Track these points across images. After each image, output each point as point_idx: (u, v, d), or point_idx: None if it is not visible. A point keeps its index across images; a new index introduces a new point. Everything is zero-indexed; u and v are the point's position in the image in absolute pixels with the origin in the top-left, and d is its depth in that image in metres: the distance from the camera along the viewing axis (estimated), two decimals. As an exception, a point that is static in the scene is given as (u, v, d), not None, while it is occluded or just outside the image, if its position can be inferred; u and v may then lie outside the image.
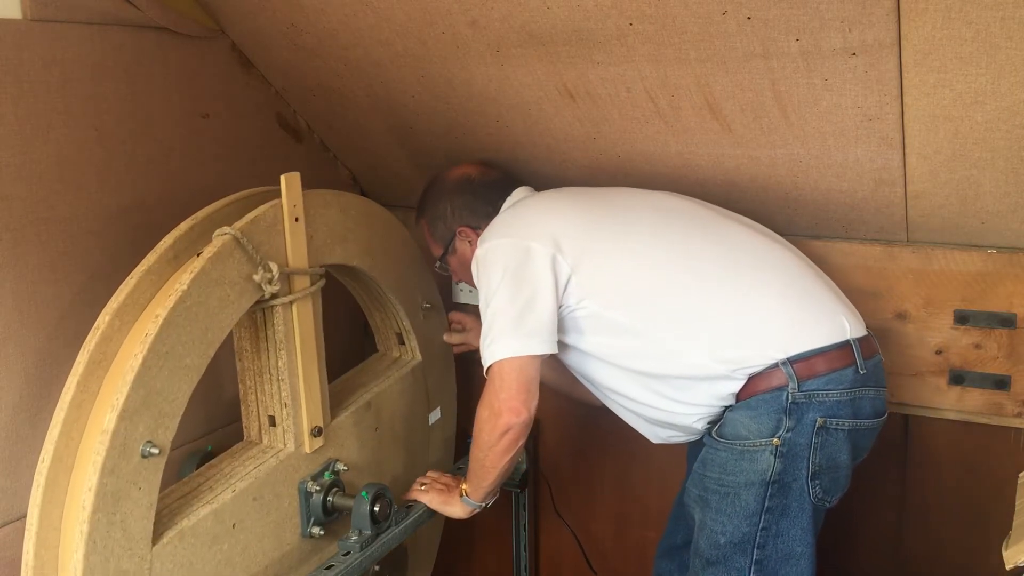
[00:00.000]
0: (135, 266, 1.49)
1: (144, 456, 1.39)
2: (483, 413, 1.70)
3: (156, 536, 1.44)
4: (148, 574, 1.42)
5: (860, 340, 1.68)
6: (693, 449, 1.90)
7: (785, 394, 1.61)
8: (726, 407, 1.69)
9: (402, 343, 2.10)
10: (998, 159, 1.63)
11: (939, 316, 1.93)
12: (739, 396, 1.66)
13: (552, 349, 1.68)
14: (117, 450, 1.36)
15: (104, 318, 1.43)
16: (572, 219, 1.75)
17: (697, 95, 1.69)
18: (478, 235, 1.86)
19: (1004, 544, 1.38)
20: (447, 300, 2.30)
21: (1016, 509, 1.49)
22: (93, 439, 1.36)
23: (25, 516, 1.38)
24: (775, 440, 1.61)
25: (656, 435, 1.84)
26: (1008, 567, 1.33)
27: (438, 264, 2.02)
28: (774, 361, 1.62)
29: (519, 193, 1.94)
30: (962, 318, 1.91)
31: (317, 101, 2.09)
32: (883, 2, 1.36)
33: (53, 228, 1.59)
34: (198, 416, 1.86)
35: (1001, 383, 1.91)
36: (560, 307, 1.69)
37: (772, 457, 1.62)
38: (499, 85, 1.84)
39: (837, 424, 1.63)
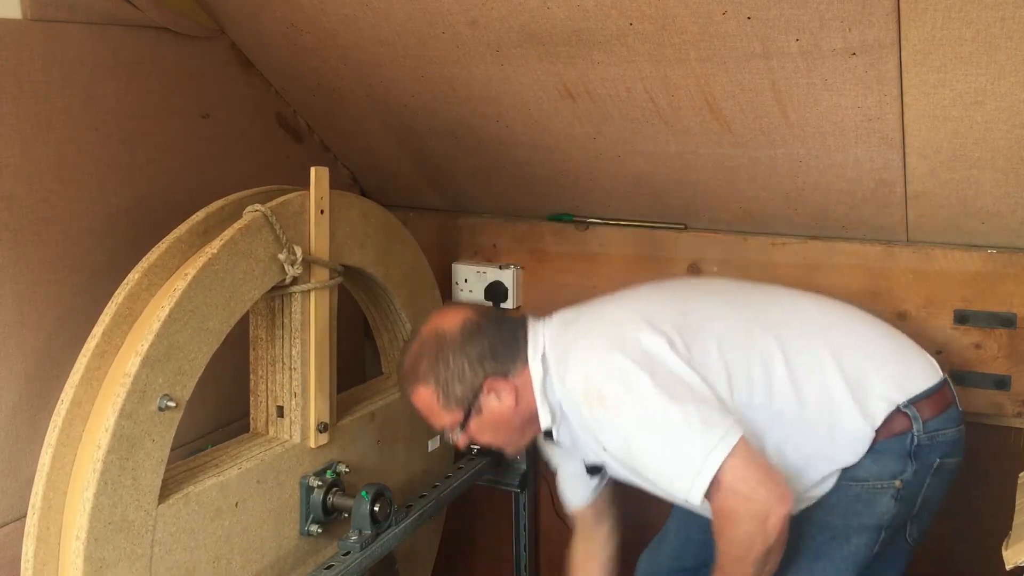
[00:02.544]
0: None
1: (161, 409, 1.42)
2: (742, 529, 1.37)
3: (163, 495, 1.46)
4: (152, 531, 1.44)
5: (947, 378, 1.65)
6: None
7: (910, 436, 1.53)
8: None
9: None
10: (998, 159, 1.63)
11: (939, 316, 1.93)
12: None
13: (740, 427, 1.41)
14: (137, 395, 1.39)
15: (134, 275, 1.48)
16: (657, 309, 1.56)
17: (697, 95, 1.69)
18: (511, 384, 1.59)
19: (1004, 544, 1.38)
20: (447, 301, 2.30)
21: (1016, 509, 1.49)
22: (114, 383, 1.40)
23: (25, 516, 1.38)
24: (897, 483, 1.53)
25: None
26: (1008, 567, 1.33)
27: (455, 434, 1.65)
28: (895, 405, 1.54)
29: (540, 320, 1.65)
30: (962, 318, 1.91)
31: (317, 101, 2.09)
32: (883, 2, 1.36)
33: (53, 228, 1.59)
34: (198, 416, 1.86)
35: (1001, 383, 1.91)
36: None
37: (892, 500, 1.53)
38: (499, 85, 1.84)
39: (947, 464, 1.58)
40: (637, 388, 1.41)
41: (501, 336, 1.60)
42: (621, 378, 1.43)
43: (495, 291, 2.27)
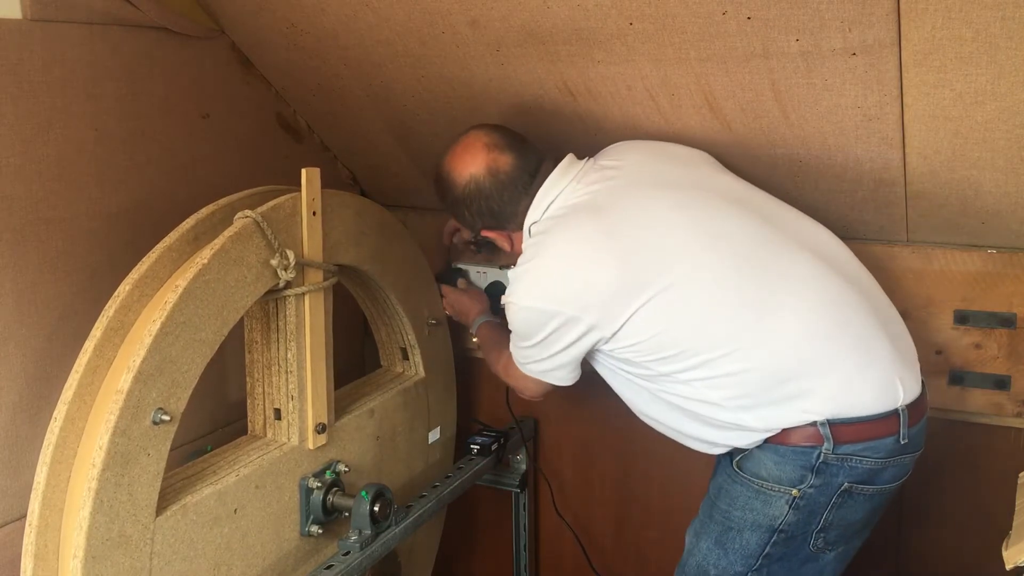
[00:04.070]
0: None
1: (155, 423, 1.42)
2: (503, 371, 1.87)
3: (160, 508, 1.46)
4: (150, 544, 1.43)
5: (910, 406, 1.58)
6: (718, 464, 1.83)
7: (817, 452, 1.54)
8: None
9: (406, 358, 2.12)
10: (998, 159, 1.63)
11: (939, 316, 1.94)
12: (768, 439, 1.58)
13: (573, 381, 1.75)
14: (130, 412, 1.38)
15: (124, 287, 1.47)
16: (614, 279, 1.58)
17: (697, 94, 1.69)
18: (506, 233, 1.81)
19: (1004, 544, 1.38)
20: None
21: (1016, 509, 1.49)
22: (107, 400, 1.39)
23: (25, 516, 1.38)
24: (794, 491, 1.56)
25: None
26: (1008, 567, 1.33)
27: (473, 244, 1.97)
28: (812, 421, 1.54)
29: (571, 172, 1.72)
30: (962, 318, 1.91)
31: (317, 101, 2.09)
32: (883, 2, 1.36)
33: (53, 228, 1.59)
34: (198, 416, 1.86)
35: (1001, 383, 1.91)
36: (592, 351, 1.68)
37: (787, 506, 1.57)
38: (499, 85, 1.84)
39: (862, 489, 1.57)
40: (529, 332, 1.67)
41: (501, 199, 1.74)
42: (526, 316, 1.65)
43: (495, 291, 2.27)
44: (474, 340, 2.08)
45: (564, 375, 1.73)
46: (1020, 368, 1.89)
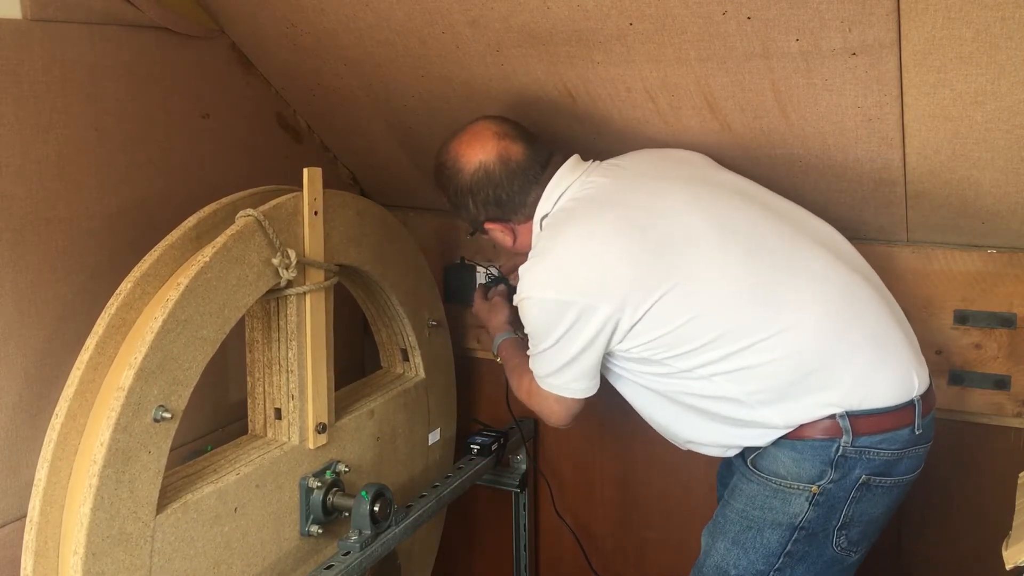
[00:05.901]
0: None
1: (156, 420, 1.42)
2: (527, 398, 1.76)
3: (161, 505, 1.46)
4: (150, 541, 1.43)
5: (923, 397, 1.59)
6: (725, 469, 1.86)
7: (836, 445, 1.53)
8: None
9: (406, 359, 2.12)
10: (998, 159, 1.63)
11: (939, 316, 1.94)
12: (785, 434, 1.58)
13: (594, 390, 1.68)
14: (131, 408, 1.38)
15: (126, 285, 1.47)
16: (633, 267, 1.56)
17: (697, 95, 1.69)
18: (510, 227, 1.76)
19: (1004, 544, 1.38)
20: (458, 311, 2.30)
21: (1016, 509, 1.49)
22: (108, 396, 1.39)
23: (25, 516, 1.38)
24: (814, 488, 1.55)
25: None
26: (1008, 567, 1.33)
27: (471, 234, 1.91)
28: (832, 413, 1.54)
29: (577, 171, 1.71)
30: (962, 318, 1.91)
31: (317, 101, 2.09)
32: (883, 2, 1.36)
33: (53, 228, 1.59)
34: (198, 416, 1.86)
35: (1001, 383, 1.91)
36: (608, 352, 1.63)
37: (807, 503, 1.56)
38: (499, 85, 1.84)
39: (880, 481, 1.57)
40: (545, 328, 1.61)
41: (511, 188, 1.71)
42: (541, 309, 1.60)
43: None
44: (498, 360, 1.95)
45: (584, 385, 1.66)
46: (1020, 368, 1.89)
